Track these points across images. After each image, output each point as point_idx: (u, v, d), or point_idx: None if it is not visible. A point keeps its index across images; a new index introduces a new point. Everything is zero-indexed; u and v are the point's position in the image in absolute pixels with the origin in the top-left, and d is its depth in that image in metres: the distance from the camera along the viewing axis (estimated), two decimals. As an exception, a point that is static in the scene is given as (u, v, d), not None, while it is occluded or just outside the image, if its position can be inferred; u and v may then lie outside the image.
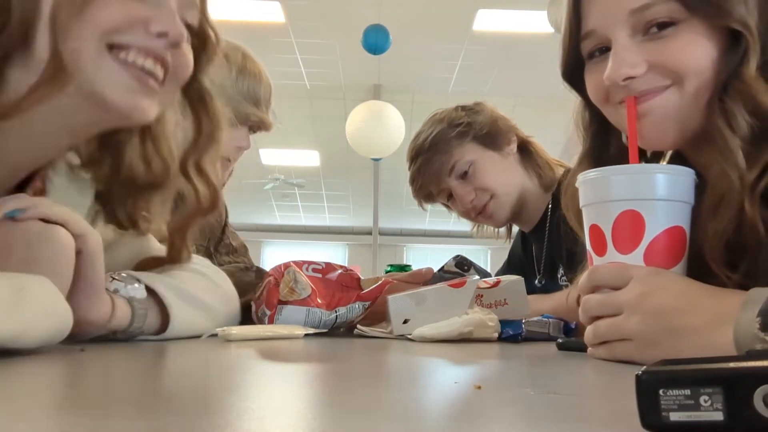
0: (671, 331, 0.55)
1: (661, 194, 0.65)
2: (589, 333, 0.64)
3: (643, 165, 0.68)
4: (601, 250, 0.66)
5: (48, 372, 0.47)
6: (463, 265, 1.09)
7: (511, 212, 1.39)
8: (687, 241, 0.65)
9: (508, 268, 1.61)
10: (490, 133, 1.31)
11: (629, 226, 0.64)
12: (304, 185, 12.57)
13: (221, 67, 1.17)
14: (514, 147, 1.37)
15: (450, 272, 1.08)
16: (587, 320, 0.65)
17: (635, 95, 0.68)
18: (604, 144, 0.78)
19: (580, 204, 0.70)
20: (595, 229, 0.67)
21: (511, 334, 0.90)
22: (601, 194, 0.67)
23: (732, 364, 0.27)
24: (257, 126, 1.28)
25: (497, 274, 1.60)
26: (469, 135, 1.32)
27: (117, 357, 0.61)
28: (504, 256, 1.74)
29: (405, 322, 0.91)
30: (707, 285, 0.60)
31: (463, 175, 1.35)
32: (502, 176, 1.37)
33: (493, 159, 1.34)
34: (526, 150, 1.42)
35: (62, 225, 0.59)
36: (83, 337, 0.64)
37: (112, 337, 0.68)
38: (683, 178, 0.66)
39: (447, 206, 1.48)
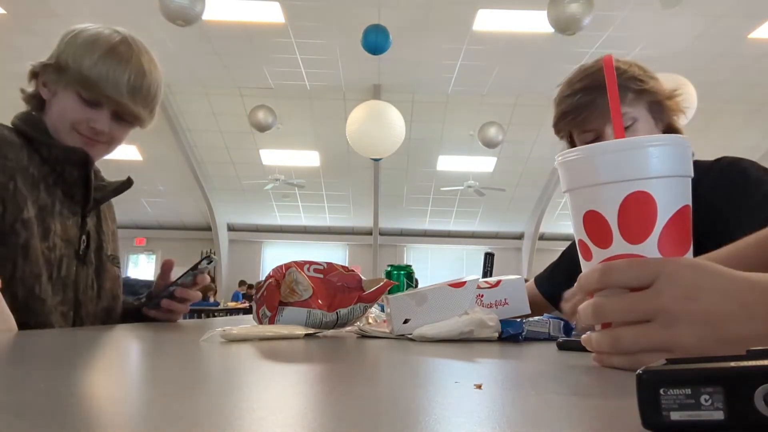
0: (726, 342, 0.48)
1: (670, 170, 0.55)
2: (602, 340, 0.55)
3: (644, 138, 0.58)
4: (602, 241, 0.57)
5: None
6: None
7: None
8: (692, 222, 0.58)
9: (555, 267, 1.59)
10: (660, 103, 1.30)
11: (639, 211, 0.55)
12: (305, 185, 12.60)
13: (88, 46, 1.23)
14: (664, 125, 1.35)
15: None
16: (598, 325, 0.57)
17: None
18: None
19: (565, 188, 0.60)
20: (594, 217, 0.57)
21: (512, 333, 0.90)
22: (601, 174, 0.56)
23: (733, 364, 0.27)
24: (120, 112, 1.27)
25: (541, 275, 1.59)
26: (645, 96, 1.29)
27: (115, 356, 0.61)
28: (503, 257, 1.73)
29: (405, 322, 0.91)
30: (749, 276, 0.51)
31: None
32: None
33: (651, 127, 1.32)
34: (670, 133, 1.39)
35: None
36: None
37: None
38: (686, 149, 0.58)
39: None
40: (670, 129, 1.32)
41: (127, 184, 1.40)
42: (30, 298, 1.15)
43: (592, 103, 1.26)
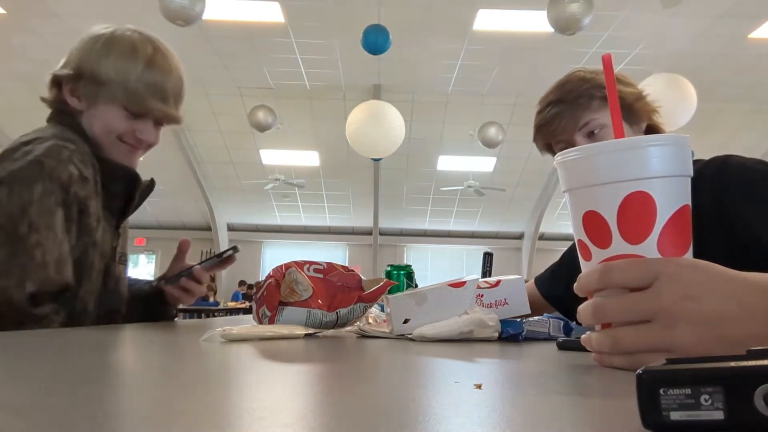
0: (726, 342, 0.48)
1: (670, 169, 0.55)
2: (602, 340, 0.55)
3: (644, 137, 0.57)
4: (602, 241, 0.57)
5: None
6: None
7: None
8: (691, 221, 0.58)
9: (556, 267, 1.59)
10: (630, 107, 1.30)
11: (639, 211, 0.55)
12: (304, 185, 12.60)
13: (127, 59, 1.23)
14: (642, 127, 1.36)
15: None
16: (598, 325, 0.57)
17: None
18: None
19: (565, 188, 0.61)
20: (593, 217, 0.57)
21: (512, 333, 0.90)
22: (600, 174, 0.56)
23: (732, 364, 0.27)
24: (164, 119, 1.31)
25: (542, 275, 1.59)
26: None
27: (115, 355, 0.61)
28: (503, 257, 1.73)
29: (405, 322, 0.91)
30: (749, 276, 0.51)
31: (591, 135, 1.35)
32: None
33: (626, 130, 1.34)
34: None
35: None
36: None
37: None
38: (686, 148, 0.57)
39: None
40: (651, 129, 1.34)
41: (151, 186, 1.42)
42: (83, 313, 1.17)
43: (558, 116, 1.31)
